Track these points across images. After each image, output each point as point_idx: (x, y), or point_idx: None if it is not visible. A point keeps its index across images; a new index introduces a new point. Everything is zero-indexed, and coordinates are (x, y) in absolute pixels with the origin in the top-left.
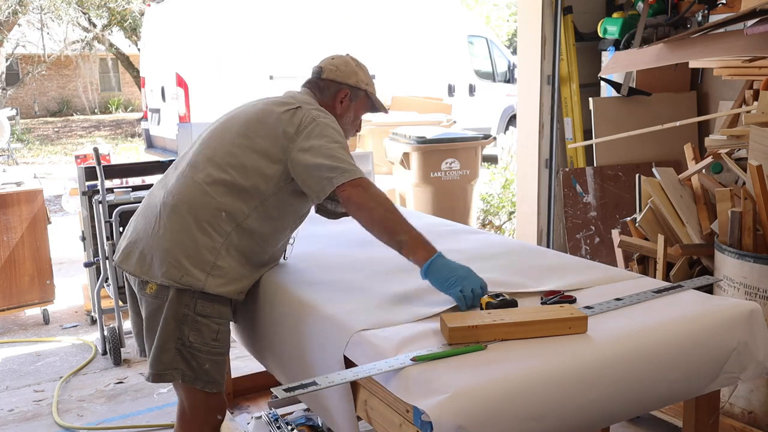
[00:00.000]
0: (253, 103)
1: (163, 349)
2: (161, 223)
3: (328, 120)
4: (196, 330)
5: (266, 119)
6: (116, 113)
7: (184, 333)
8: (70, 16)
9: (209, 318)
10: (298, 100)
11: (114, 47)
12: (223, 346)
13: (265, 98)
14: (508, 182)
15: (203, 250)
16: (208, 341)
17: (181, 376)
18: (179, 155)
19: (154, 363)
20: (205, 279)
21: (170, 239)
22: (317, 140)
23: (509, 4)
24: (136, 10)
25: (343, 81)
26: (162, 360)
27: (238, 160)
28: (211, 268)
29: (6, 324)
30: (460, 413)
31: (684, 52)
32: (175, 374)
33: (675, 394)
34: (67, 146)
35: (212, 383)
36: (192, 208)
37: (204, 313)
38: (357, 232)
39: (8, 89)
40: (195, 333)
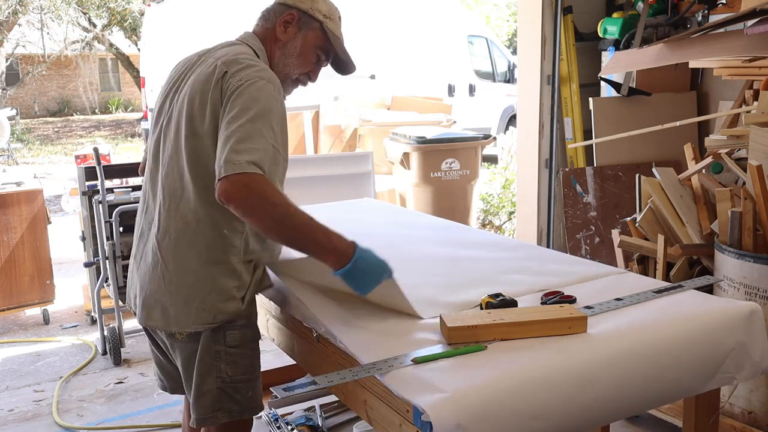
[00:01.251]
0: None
1: (201, 392)
2: (169, 269)
3: (256, 84)
4: (232, 363)
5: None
6: (116, 113)
7: (221, 369)
8: (70, 16)
9: (242, 347)
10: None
11: (114, 47)
12: (258, 367)
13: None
14: (508, 182)
15: (222, 278)
16: (246, 369)
17: (228, 415)
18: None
19: (195, 408)
20: (239, 306)
21: (186, 284)
22: (234, 109)
23: (509, 4)
24: (136, 10)
25: (293, 4)
26: (203, 404)
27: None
28: (237, 288)
29: (6, 324)
30: (459, 413)
31: (684, 52)
32: (221, 415)
33: (673, 393)
34: (67, 146)
35: (257, 407)
36: (192, 244)
37: (235, 343)
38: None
39: (8, 89)
40: (231, 366)
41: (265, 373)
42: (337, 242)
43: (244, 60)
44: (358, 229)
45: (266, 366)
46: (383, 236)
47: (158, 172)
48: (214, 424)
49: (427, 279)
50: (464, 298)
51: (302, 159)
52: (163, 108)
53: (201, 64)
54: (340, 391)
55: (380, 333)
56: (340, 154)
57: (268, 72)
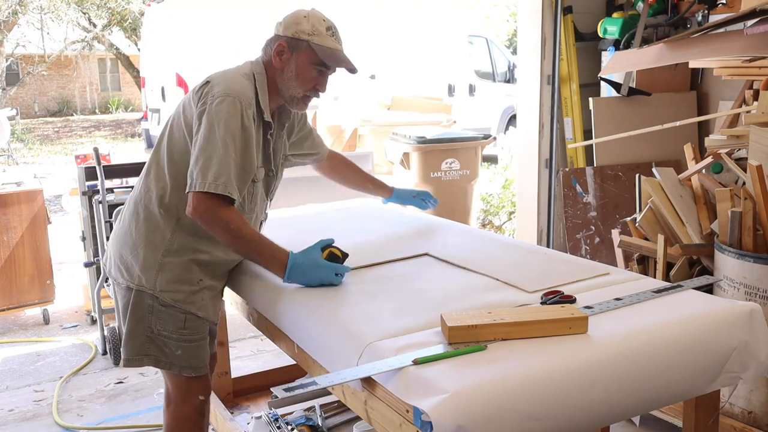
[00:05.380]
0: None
1: (132, 335)
2: (121, 226)
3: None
4: (161, 320)
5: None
6: (116, 113)
7: (151, 322)
8: (70, 16)
9: (173, 308)
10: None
11: (114, 47)
12: (193, 333)
13: None
14: (508, 182)
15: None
16: (175, 329)
17: (154, 361)
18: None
19: (125, 349)
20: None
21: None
22: (201, 124)
23: (509, 4)
24: (136, 10)
25: (282, 33)
26: (132, 346)
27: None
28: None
29: (6, 324)
30: (460, 413)
31: (684, 52)
32: (146, 360)
33: (675, 393)
34: (67, 146)
35: (188, 368)
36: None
37: (167, 303)
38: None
39: (8, 89)
40: (160, 322)
41: (265, 373)
42: (278, 255)
43: (227, 75)
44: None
45: (266, 366)
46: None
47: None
48: (140, 366)
49: (434, 284)
50: (467, 303)
51: None
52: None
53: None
54: (340, 391)
55: (380, 333)
56: None
57: (240, 89)
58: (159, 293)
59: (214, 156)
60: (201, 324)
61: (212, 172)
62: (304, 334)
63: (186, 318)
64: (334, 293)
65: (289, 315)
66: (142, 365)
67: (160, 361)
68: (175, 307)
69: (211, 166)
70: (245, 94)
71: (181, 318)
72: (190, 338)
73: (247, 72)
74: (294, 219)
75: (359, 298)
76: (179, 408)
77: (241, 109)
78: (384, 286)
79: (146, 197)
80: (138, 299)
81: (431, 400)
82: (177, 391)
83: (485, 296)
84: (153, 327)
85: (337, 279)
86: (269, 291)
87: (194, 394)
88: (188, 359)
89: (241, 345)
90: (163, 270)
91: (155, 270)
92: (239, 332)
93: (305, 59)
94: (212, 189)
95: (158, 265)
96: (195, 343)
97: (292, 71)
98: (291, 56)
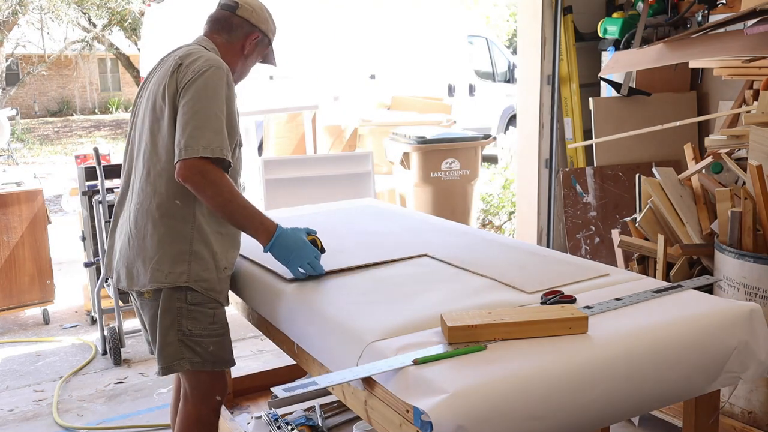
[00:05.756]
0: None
1: (165, 343)
2: (133, 235)
3: (210, 73)
4: (192, 318)
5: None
6: (116, 113)
7: (182, 324)
8: (70, 16)
9: (202, 305)
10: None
11: (114, 47)
12: (222, 326)
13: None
14: (508, 182)
15: (173, 243)
16: (206, 326)
17: (189, 363)
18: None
19: (160, 357)
20: (188, 270)
21: (144, 247)
22: (187, 96)
23: (509, 4)
24: (136, 10)
25: (257, 24)
26: (167, 353)
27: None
28: (189, 255)
29: (6, 324)
30: (460, 413)
31: (684, 52)
32: (183, 363)
33: (675, 393)
34: (67, 146)
35: (220, 362)
36: (149, 211)
37: (196, 301)
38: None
39: (8, 89)
40: (192, 321)
41: (265, 373)
42: (266, 223)
43: (197, 53)
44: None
45: (266, 366)
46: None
47: (134, 157)
48: (177, 371)
49: (433, 285)
50: (468, 303)
51: (302, 159)
52: (136, 104)
53: (162, 64)
54: (340, 391)
55: (380, 333)
56: (340, 154)
57: (218, 60)
58: (194, 283)
59: (207, 124)
60: (224, 315)
61: (205, 138)
62: (304, 334)
63: (214, 313)
64: (335, 293)
65: (289, 315)
66: (178, 370)
67: (194, 362)
68: (203, 303)
69: (204, 133)
70: (224, 64)
71: (210, 313)
72: (220, 332)
73: (205, 50)
74: (293, 219)
75: (359, 299)
76: (197, 408)
77: (226, 77)
78: (383, 287)
79: (157, 197)
80: (167, 303)
81: (431, 400)
82: (197, 391)
83: (484, 297)
84: (185, 329)
85: (315, 263)
86: (269, 292)
87: (213, 395)
88: (220, 353)
89: (241, 345)
90: (195, 258)
91: (186, 261)
92: (239, 332)
93: (261, 53)
94: (208, 153)
95: (189, 255)
96: (224, 336)
97: (253, 60)
98: (256, 48)
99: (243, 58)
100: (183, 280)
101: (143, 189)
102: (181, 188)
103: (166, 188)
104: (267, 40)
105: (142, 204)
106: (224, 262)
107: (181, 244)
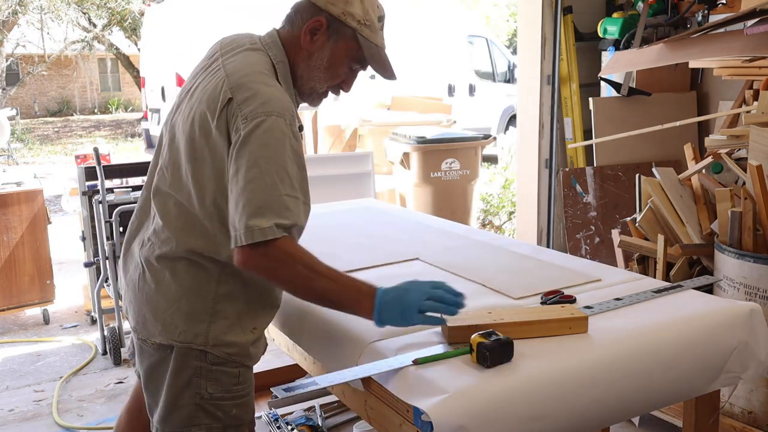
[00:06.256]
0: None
1: (175, 406)
2: (146, 278)
3: (264, 128)
4: (214, 380)
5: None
6: (116, 113)
7: (201, 386)
8: (70, 16)
9: (226, 365)
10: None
11: (114, 47)
12: (247, 385)
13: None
14: (508, 182)
15: (191, 300)
16: (229, 387)
17: (207, 430)
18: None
19: (167, 422)
20: (206, 331)
21: (158, 296)
22: (242, 159)
23: (509, 4)
24: (136, 10)
25: (323, 6)
26: (177, 418)
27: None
28: (210, 314)
29: (6, 324)
30: (460, 413)
31: (684, 52)
32: (196, 430)
33: (676, 393)
34: (67, 146)
35: (243, 424)
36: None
37: (218, 361)
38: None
39: (8, 89)
40: (213, 383)
41: (265, 373)
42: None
43: (253, 83)
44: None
45: (266, 366)
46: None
47: (160, 185)
48: None
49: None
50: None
51: None
52: (173, 120)
53: (210, 73)
54: (340, 391)
55: (380, 333)
56: (340, 154)
57: (278, 101)
58: (211, 348)
59: (272, 194)
60: (251, 374)
61: (267, 215)
62: (304, 334)
63: (240, 371)
64: None
65: (289, 315)
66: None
67: (212, 428)
68: (227, 362)
69: (265, 211)
70: (285, 103)
71: (235, 373)
72: (245, 392)
73: (266, 64)
74: None
75: None
76: None
77: (290, 123)
78: None
79: (183, 245)
80: (182, 360)
81: (431, 400)
82: None
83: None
84: (203, 392)
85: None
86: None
87: None
88: (242, 415)
89: None
90: (215, 319)
91: (206, 321)
92: None
93: (344, 51)
94: (276, 234)
95: (209, 314)
96: (249, 396)
97: (323, 60)
98: (326, 42)
99: (305, 57)
100: (199, 342)
101: (167, 231)
102: (206, 245)
103: (195, 243)
104: (349, 31)
105: (162, 246)
106: (252, 322)
107: (202, 300)
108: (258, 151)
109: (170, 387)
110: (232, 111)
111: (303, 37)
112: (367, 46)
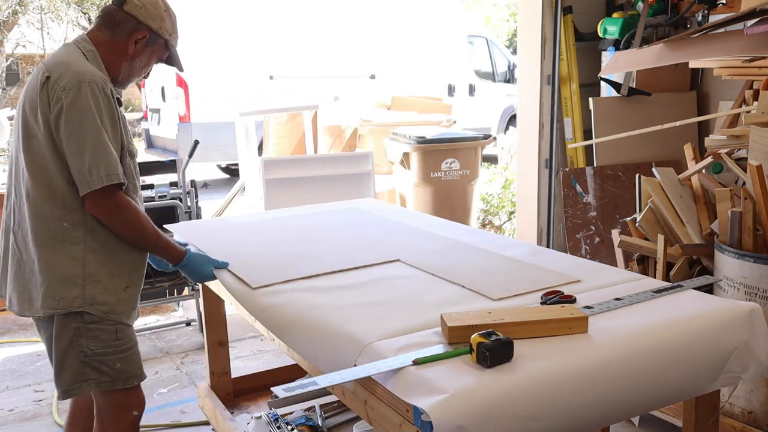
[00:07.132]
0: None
1: (64, 365)
2: (23, 259)
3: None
4: (93, 337)
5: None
6: None
7: (83, 344)
8: (70, 16)
9: (102, 322)
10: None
11: None
12: (127, 341)
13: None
14: (508, 182)
15: (64, 266)
16: (110, 343)
17: (96, 384)
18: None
19: (58, 381)
20: (82, 294)
21: (34, 272)
22: (66, 121)
23: (509, 4)
24: None
25: (144, 21)
26: (66, 376)
27: (38, 166)
28: (82, 276)
29: (6, 324)
30: (460, 413)
31: (684, 52)
32: (85, 386)
33: (676, 393)
34: None
35: (131, 377)
36: (36, 235)
37: (94, 320)
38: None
39: (8, 89)
40: (92, 340)
41: (265, 373)
42: (172, 249)
43: (67, 63)
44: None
45: (266, 366)
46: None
47: (14, 175)
48: (79, 394)
49: (432, 285)
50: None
51: (302, 159)
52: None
53: (32, 73)
54: (340, 391)
55: (380, 333)
56: (340, 154)
57: (90, 72)
58: (89, 307)
59: (100, 148)
60: (131, 330)
61: (103, 165)
62: (304, 334)
63: (117, 328)
64: (335, 295)
65: (286, 319)
66: (82, 393)
67: (101, 382)
68: (103, 320)
69: (100, 161)
70: (96, 74)
71: (112, 330)
72: (126, 347)
73: (77, 53)
74: (289, 219)
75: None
76: (114, 426)
77: (98, 91)
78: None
79: (42, 220)
80: (61, 325)
81: (431, 400)
82: (112, 408)
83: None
84: (85, 349)
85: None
86: (269, 293)
87: (129, 410)
88: (128, 369)
89: (241, 345)
90: (89, 282)
91: (80, 285)
92: (239, 332)
93: (156, 54)
94: (107, 182)
95: (82, 278)
96: (131, 350)
97: (142, 62)
98: (145, 48)
99: (128, 59)
100: (77, 305)
101: (28, 212)
102: (68, 211)
103: (51, 211)
104: (162, 41)
105: (28, 227)
106: (124, 282)
107: (73, 267)
108: (81, 112)
109: (56, 350)
110: (51, 85)
111: (129, 45)
112: (173, 50)
